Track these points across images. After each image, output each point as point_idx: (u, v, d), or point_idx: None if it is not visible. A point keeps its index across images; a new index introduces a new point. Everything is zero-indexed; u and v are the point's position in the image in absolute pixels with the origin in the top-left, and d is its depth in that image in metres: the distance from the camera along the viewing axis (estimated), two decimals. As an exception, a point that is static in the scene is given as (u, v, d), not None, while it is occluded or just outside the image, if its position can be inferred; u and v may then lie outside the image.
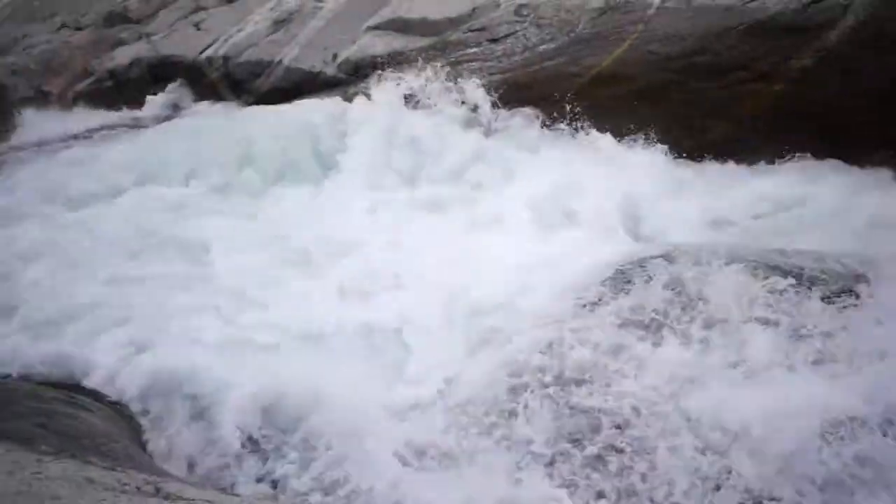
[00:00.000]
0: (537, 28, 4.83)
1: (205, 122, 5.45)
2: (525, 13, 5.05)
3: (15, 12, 7.27)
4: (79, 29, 7.07)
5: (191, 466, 2.52)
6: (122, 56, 6.50)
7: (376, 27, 6.09)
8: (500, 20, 5.15)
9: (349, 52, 5.99)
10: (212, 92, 6.21)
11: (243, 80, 6.14)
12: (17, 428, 2.29)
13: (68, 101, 6.27)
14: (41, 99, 6.28)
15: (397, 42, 5.91)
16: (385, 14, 6.13)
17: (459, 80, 4.79)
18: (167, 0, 7.23)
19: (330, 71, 5.99)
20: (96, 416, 2.58)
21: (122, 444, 2.41)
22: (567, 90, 4.49)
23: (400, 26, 5.98)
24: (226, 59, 6.18)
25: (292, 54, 6.12)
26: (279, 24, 6.33)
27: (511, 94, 4.62)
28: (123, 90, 6.36)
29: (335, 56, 6.05)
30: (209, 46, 6.30)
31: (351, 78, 5.88)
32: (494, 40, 4.99)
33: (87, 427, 2.41)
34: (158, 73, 6.35)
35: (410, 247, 3.65)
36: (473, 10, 5.59)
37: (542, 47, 4.68)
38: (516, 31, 4.94)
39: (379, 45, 5.96)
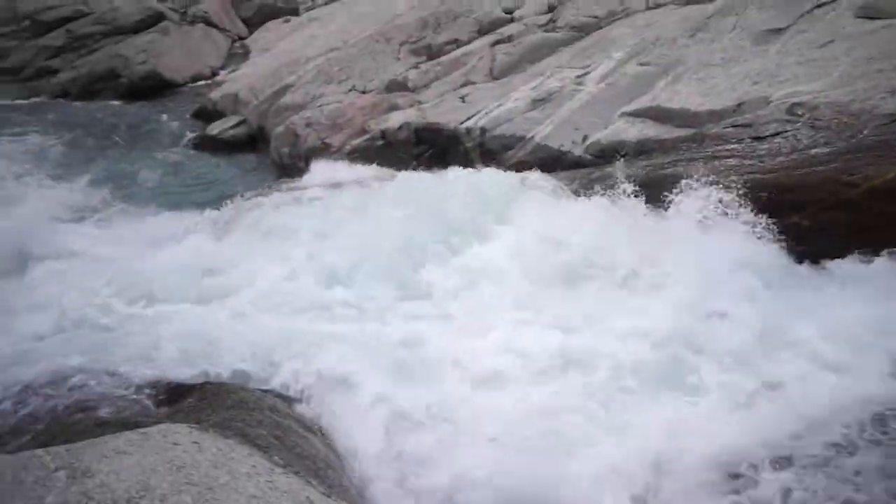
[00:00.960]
0: (811, 129, 4.50)
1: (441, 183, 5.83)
2: (799, 113, 4.74)
3: (318, 76, 8.51)
4: (364, 93, 8.06)
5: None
6: (394, 119, 7.24)
7: (632, 113, 6.13)
8: (769, 118, 4.89)
9: (600, 135, 6.08)
10: (464, 159, 6.65)
11: (495, 151, 6.51)
12: (258, 435, 2.58)
13: (344, 154, 7.12)
14: (324, 149, 7.21)
15: (651, 130, 5.87)
16: (643, 101, 6.15)
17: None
18: (441, 73, 7.96)
19: (577, 151, 6.12)
20: (319, 440, 2.82)
21: (336, 473, 2.59)
22: (836, 200, 4.09)
23: (657, 114, 5.95)
24: (483, 130, 6.61)
25: (544, 132, 6.37)
26: (538, 102, 6.65)
27: (770, 196, 4.32)
28: (390, 149, 7.06)
29: (585, 138, 6.18)
30: (470, 118, 6.80)
31: (597, 160, 5.95)
32: (759, 138, 4.73)
33: (312, 449, 2.63)
34: (422, 137, 6.97)
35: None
36: (739, 104, 5.39)
37: (813, 150, 4.33)
38: (786, 131, 4.64)
39: (631, 131, 5.97)
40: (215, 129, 8.56)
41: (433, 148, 6.88)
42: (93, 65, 10.85)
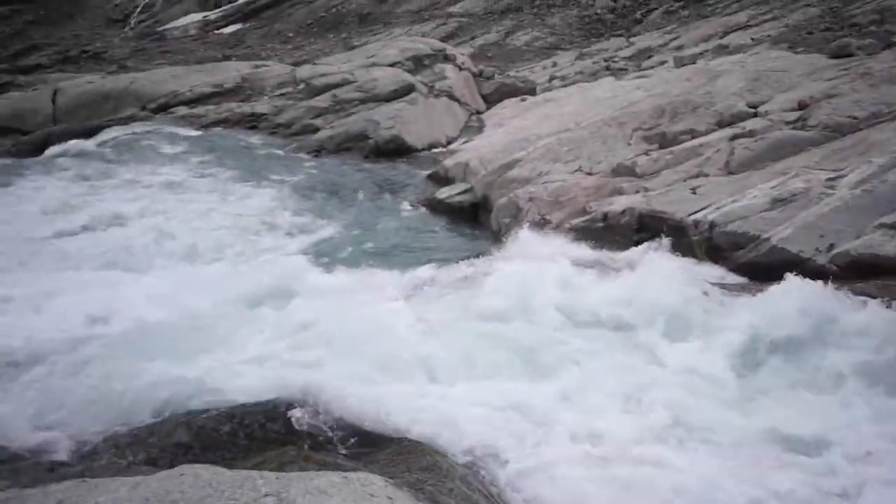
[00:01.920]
0: None
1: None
2: None
3: (546, 153, 8.72)
4: (590, 174, 8.08)
5: None
6: (618, 203, 7.14)
7: (892, 226, 5.48)
8: None
9: (849, 245, 5.50)
10: (688, 251, 6.35)
11: (723, 247, 6.14)
12: (447, 504, 2.59)
13: (561, 232, 7.14)
14: (543, 224, 7.31)
15: (915, 247, 5.20)
16: (908, 214, 5.47)
17: None
18: (672, 162, 7.75)
19: (820, 260, 5.58)
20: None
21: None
22: None
23: (923, 230, 5.26)
24: (712, 224, 6.27)
25: (782, 234, 5.88)
26: (778, 202, 6.18)
27: None
28: (609, 232, 6.95)
29: (831, 246, 5.62)
30: (699, 210, 6.49)
31: (845, 272, 5.37)
32: None
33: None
34: (645, 224, 6.78)
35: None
36: None
37: None
38: None
39: (889, 245, 5.35)
40: (444, 193, 9.09)
41: (655, 236, 6.65)
42: (348, 126, 12.15)
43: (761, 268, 5.81)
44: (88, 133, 11.20)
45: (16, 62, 24.37)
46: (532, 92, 14.40)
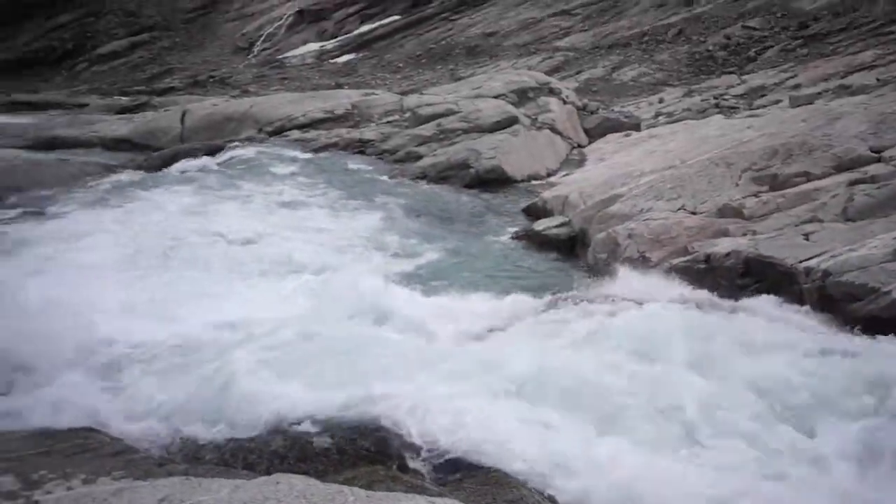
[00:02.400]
0: None
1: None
2: None
3: (649, 190, 8.54)
4: (693, 213, 7.85)
5: None
6: (722, 245, 6.89)
7: None
8: None
9: (984, 304, 5.08)
10: (797, 300, 6.05)
11: (838, 298, 5.80)
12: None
13: (661, 270, 6.96)
14: (642, 262, 7.15)
15: None
16: None
17: None
18: (784, 206, 7.42)
19: (949, 319, 5.18)
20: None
21: None
22: None
23: None
24: (826, 273, 5.94)
25: (906, 289, 5.50)
26: (903, 254, 5.79)
27: None
28: (711, 274, 6.71)
29: (964, 304, 5.20)
30: (812, 258, 6.17)
31: (976, 334, 4.96)
32: None
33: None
34: (751, 268, 6.51)
35: None
36: None
37: None
38: None
39: None
40: (541, 225, 9.07)
41: (761, 282, 6.38)
42: (450, 155, 12.38)
43: (880, 322, 5.45)
44: (211, 151, 12.05)
45: (152, 84, 26.61)
46: (636, 127, 14.20)
